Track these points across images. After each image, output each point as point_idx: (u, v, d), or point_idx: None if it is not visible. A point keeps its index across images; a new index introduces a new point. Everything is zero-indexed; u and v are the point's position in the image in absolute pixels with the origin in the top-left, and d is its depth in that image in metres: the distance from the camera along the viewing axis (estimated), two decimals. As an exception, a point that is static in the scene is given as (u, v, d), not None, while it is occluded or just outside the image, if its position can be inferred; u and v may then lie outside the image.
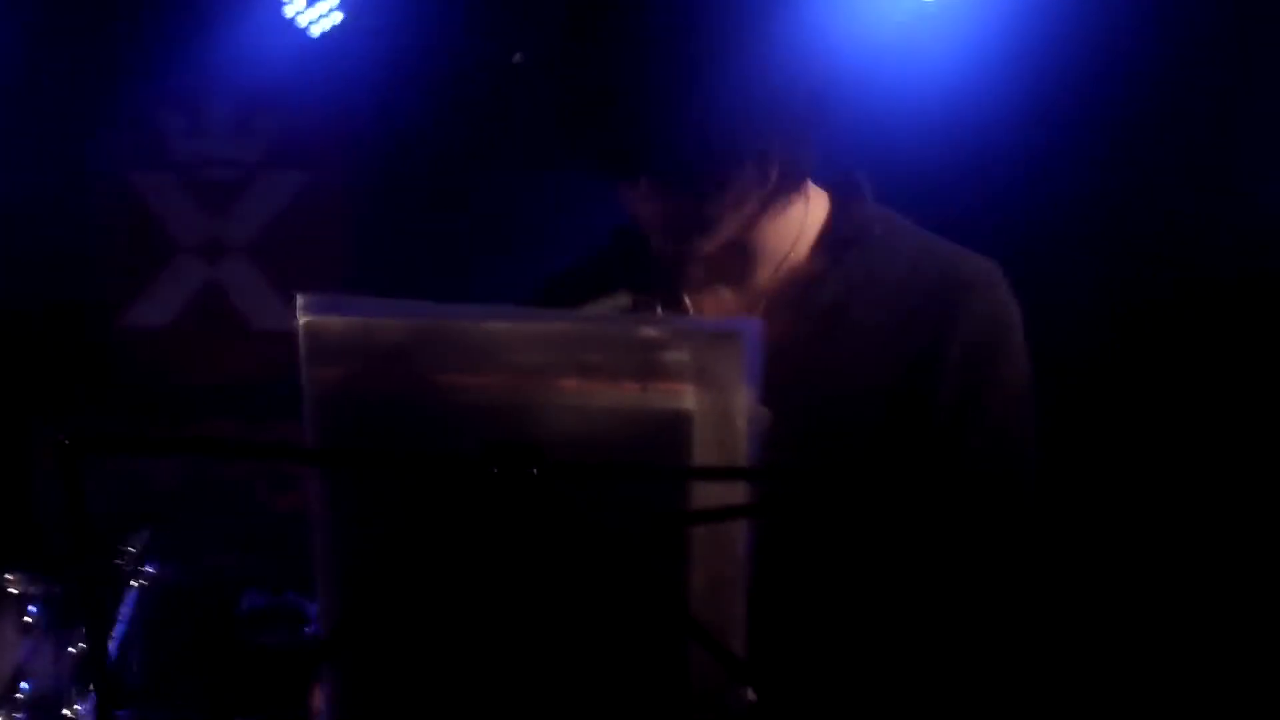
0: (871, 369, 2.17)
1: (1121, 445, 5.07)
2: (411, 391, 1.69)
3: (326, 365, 1.70)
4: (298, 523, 5.29)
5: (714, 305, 2.27)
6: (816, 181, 2.30)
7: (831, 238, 2.27)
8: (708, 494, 1.69)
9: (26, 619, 4.46)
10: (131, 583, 4.45)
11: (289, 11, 6.08)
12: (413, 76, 6.21)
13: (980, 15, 5.33)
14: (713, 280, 2.28)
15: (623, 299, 2.27)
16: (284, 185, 6.65)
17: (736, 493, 1.71)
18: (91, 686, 4.25)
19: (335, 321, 1.70)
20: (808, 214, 2.28)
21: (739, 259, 2.26)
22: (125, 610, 4.42)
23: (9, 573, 4.49)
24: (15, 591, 4.48)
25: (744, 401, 1.67)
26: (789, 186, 2.21)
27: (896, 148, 4.97)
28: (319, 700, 3.95)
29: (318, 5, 6.06)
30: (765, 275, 2.26)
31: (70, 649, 4.45)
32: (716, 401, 1.66)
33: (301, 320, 1.70)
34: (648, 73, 2.05)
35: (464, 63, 6.00)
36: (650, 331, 1.67)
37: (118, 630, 4.37)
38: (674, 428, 1.66)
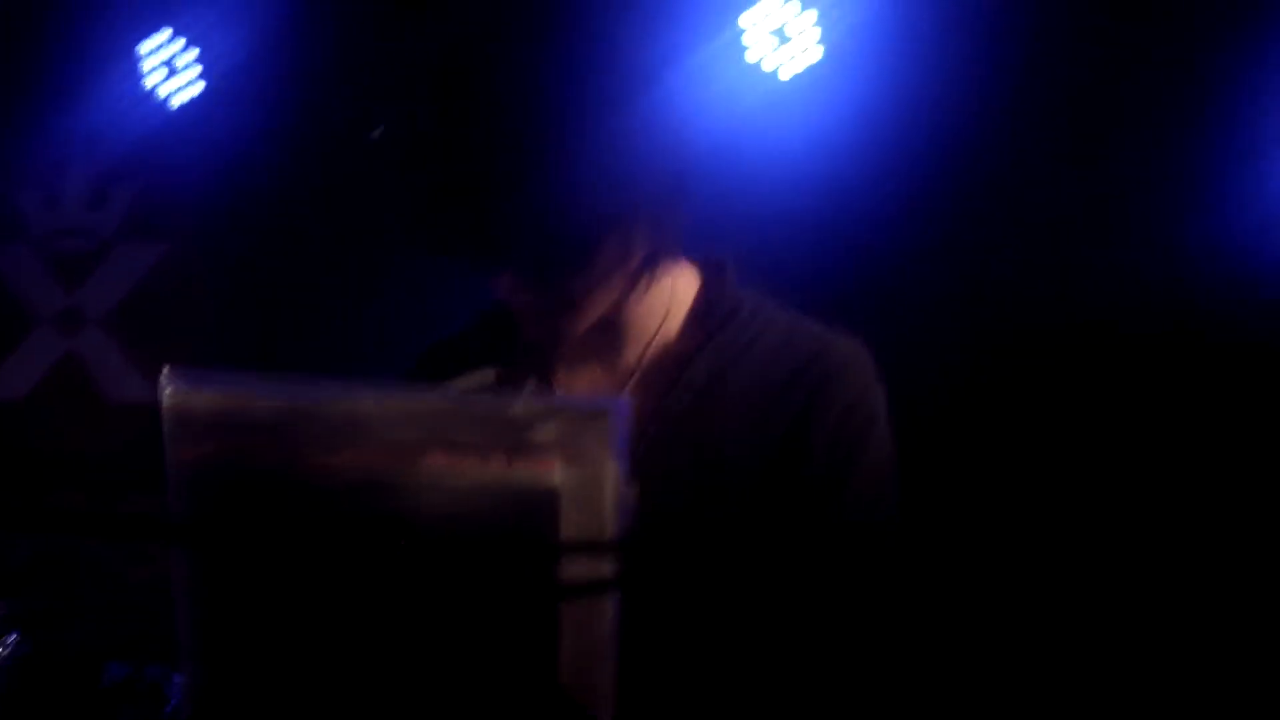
0: (741, 445, 2.18)
1: (987, 525, 5.12)
2: (279, 469, 1.69)
3: (191, 443, 1.70)
4: (155, 594, 5.24)
5: (585, 382, 2.28)
6: (684, 258, 2.32)
7: (702, 313, 2.28)
8: (576, 568, 1.70)
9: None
10: (-10, 656, 4.39)
11: (149, 83, 6.05)
12: (274, 148, 6.19)
13: (833, 90, 5.40)
14: (583, 358, 2.29)
15: (487, 375, 2.28)
16: (142, 256, 6.60)
17: (604, 567, 1.73)
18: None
19: (201, 398, 1.69)
20: (675, 290, 2.29)
21: (608, 337, 2.27)
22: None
23: None
24: None
25: (612, 478, 1.69)
26: (654, 264, 2.22)
27: (753, 226, 5.03)
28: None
29: (180, 75, 6.04)
30: (635, 352, 2.27)
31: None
32: (584, 478, 1.67)
33: (166, 396, 1.69)
34: (499, 167, 2.06)
35: (326, 136, 6.00)
36: (518, 409, 1.68)
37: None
38: (542, 504, 1.67)
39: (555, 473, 1.67)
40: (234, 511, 1.71)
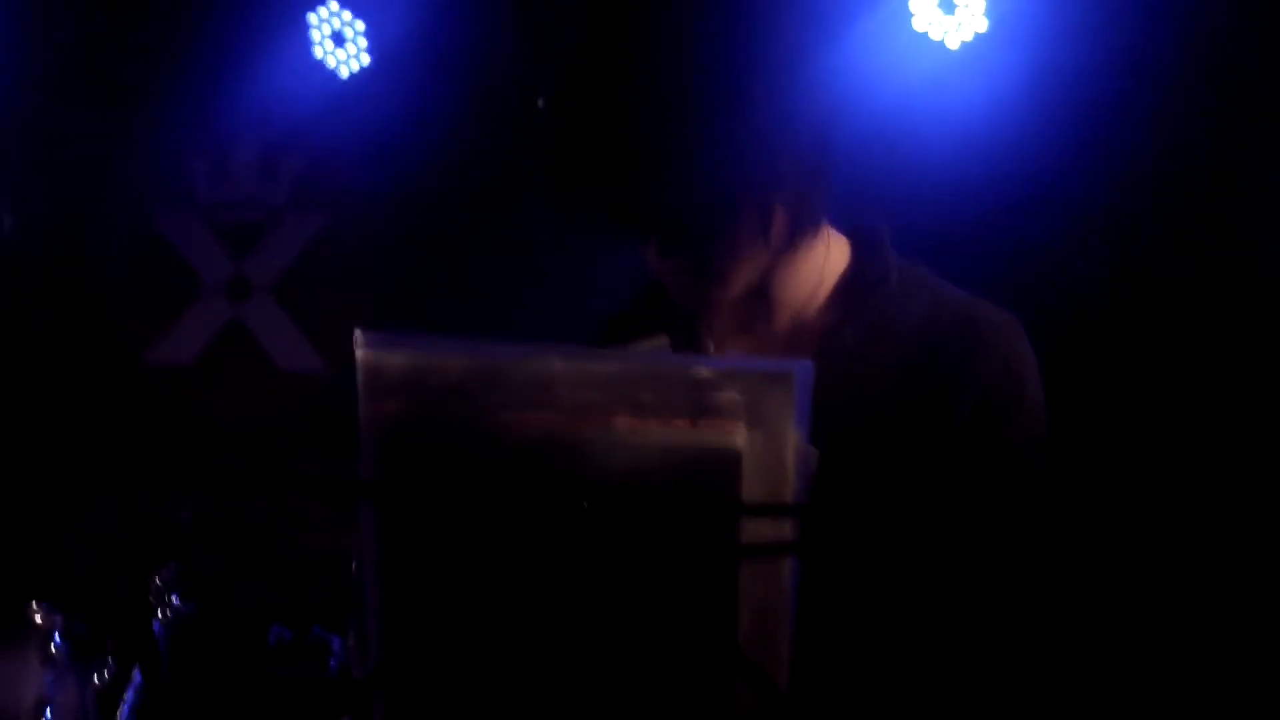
0: (885, 418, 2.19)
1: (1140, 494, 5.08)
2: (467, 428, 1.72)
3: (384, 400, 1.73)
4: (321, 561, 5.32)
5: (737, 351, 2.29)
6: (837, 229, 2.32)
7: (849, 286, 2.29)
8: (756, 530, 1.72)
9: (50, 650, 4.48)
10: (157, 615, 4.48)
11: (318, 53, 6.13)
12: (438, 120, 6.25)
13: (1004, 61, 5.37)
14: (734, 328, 2.31)
15: (661, 341, 2.30)
16: (308, 226, 6.69)
17: (784, 529, 1.74)
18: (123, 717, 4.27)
19: (394, 357, 1.73)
20: (827, 261, 2.30)
21: (758, 306, 2.28)
22: (153, 642, 4.43)
23: (34, 604, 4.52)
24: (40, 623, 4.50)
25: (793, 440, 1.70)
26: (799, 235, 2.22)
27: (918, 195, 5.03)
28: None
29: (347, 46, 6.11)
30: (784, 321, 2.28)
31: (94, 680, 4.47)
32: (766, 440, 1.69)
33: (361, 355, 1.72)
34: (642, 139, 2.07)
35: (488, 108, 6.05)
36: (703, 371, 1.70)
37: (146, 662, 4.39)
38: (724, 465, 1.69)
39: (738, 434, 1.69)
40: (422, 469, 1.75)
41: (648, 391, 1.69)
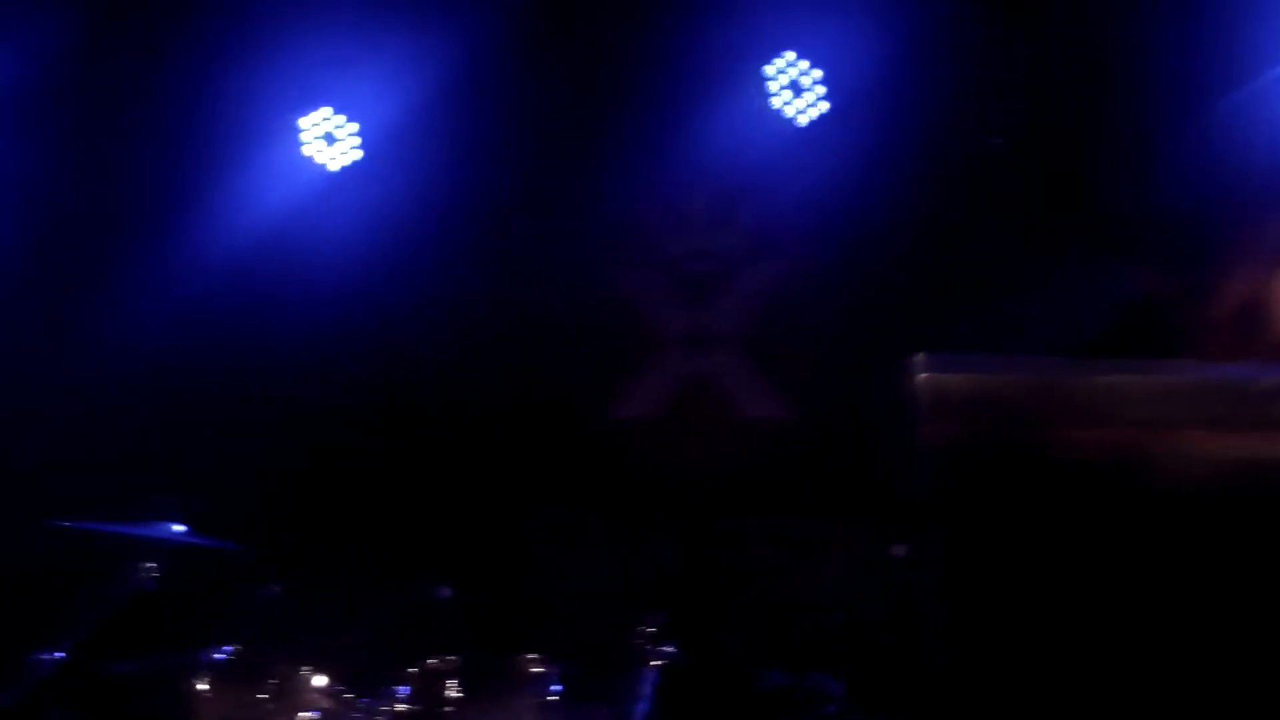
0: None
1: None
2: (1028, 445, 1.71)
3: (944, 420, 1.73)
4: (809, 608, 5.26)
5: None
6: None
7: None
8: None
9: (547, 697, 4.60)
10: (651, 662, 4.55)
11: (776, 103, 6.20)
12: (891, 163, 6.26)
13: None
14: (1229, 344, 2.25)
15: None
16: (766, 274, 6.73)
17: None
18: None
19: (953, 378, 1.73)
20: None
21: (1253, 318, 2.22)
22: (645, 689, 4.52)
23: (527, 652, 4.65)
24: (533, 671, 4.63)
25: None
26: None
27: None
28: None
29: (805, 95, 6.18)
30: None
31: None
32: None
33: (920, 377, 1.73)
34: (1129, 161, 2.05)
35: (941, 150, 6.03)
36: (1267, 383, 1.66)
37: (639, 709, 4.47)
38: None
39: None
40: (984, 487, 1.74)
41: (1219, 404, 1.66)
